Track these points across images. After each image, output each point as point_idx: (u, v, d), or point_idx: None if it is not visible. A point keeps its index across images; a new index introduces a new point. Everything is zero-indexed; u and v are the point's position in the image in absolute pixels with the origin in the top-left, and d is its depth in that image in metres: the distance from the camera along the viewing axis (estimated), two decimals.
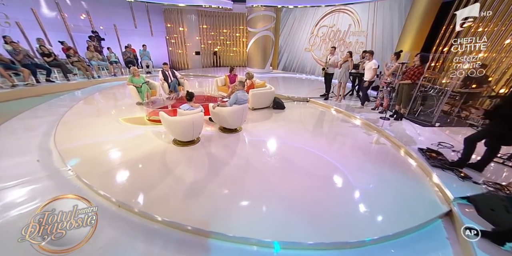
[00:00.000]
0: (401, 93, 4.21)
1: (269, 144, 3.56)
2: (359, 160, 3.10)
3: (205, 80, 8.74)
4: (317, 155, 3.24)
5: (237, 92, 3.64)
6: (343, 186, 2.55)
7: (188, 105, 3.16)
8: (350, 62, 5.04)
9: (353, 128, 4.29)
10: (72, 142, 3.28)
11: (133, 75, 4.89)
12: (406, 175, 2.74)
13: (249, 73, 4.99)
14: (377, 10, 6.65)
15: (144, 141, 3.45)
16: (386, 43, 6.57)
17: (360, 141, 3.76)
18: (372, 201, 2.29)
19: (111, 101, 5.58)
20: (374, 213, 2.14)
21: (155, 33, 10.31)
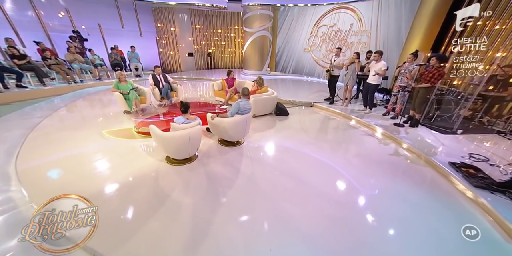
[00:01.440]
0: (415, 97, 3.89)
1: (278, 160, 3.13)
2: (382, 179, 2.71)
3: (199, 84, 8.23)
4: (335, 172, 2.84)
5: (239, 100, 3.20)
6: (368, 213, 2.15)
7: (183, 117, 2.68)
8: (357, 63, 4.70)
9: (367, 137, 3.92)
10: (39, 165, 2.73)
11: (119, 80, 4.36)
12: (441, 200, 2.36)
13: (261, 78, 4.55)
14: (382, 8, 6.38)
15: (131, 160, 2.95)
16: (392, 43, 6.30)
17: (378, 153, 3.38)
18: (409, 240, 1.90)
19: (94, 110, 5.00)
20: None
21: (144, 33, 9.72)
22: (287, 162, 3.07)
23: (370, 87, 4.54)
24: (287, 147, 3.51)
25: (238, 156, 3.19)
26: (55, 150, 3.12)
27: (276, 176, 2.74)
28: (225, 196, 2.33)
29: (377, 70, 4.29)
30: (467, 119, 4.00)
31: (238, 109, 3.15)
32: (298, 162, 3.08)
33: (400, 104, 4.23)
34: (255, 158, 3.15)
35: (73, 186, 2.40)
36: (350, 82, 5.02)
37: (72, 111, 4.82)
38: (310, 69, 9.27)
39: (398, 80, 4.19)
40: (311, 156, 3.24)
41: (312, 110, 5.48)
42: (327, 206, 2.26)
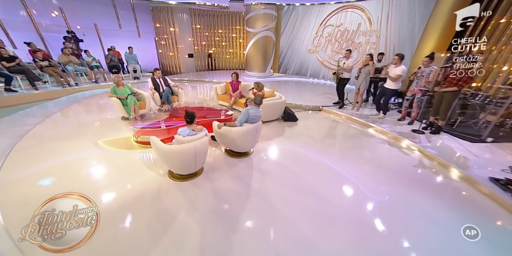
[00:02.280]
0: (438, 102, 3.64)
1: (292, 173, 2.86)
2: (414, 199, 2.44)
3: (201, 86, 7.96)
4: (355, 188, 2.58)
5: (248, 108, 2.93)
6: (405, 242, 1.88)
7: (188, 129, 2.41)
8: (372, 66, 4.45)
9: (385, 146, 3.66)
10: (23, 181, 2.44)
11: (117, 84, 4.07)
12: (487, 225, 2.09)
13: (258, 84, 4.23)
14: (393, 7, 6.14)
15: (130, 175, 2.66)
16: (404, 44, 6.06)
17: (401, 165, 3.11)
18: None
19: (90, 116, 4.71)
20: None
21: (142, 34, 9.46)
22: (302, 176, 2.80)
23: (386, 92, 4.28)
24: (300, 158, 3.24)
25: (248, 169, 2.92)
26: (44, 163, 2.84)
27: (291, 192, 2.47)
28: (236, 220, 2.06)
29: (392, 74, 4.03)
30: (495, 125, 3.74)
31: (247, 118, 2.88)
32: (315, 176, 2.81)
33: (417, 109, 3.98)
34: (266, 171, 2.87)
35: (64, 204, 2.11)
36: (362, 86, 4.78)
37: (66, 117, 4.53)
38: (315, 70, 9.04)
39: (413, 84, 3.92)
40: (328, 168, 2.98)
41: (321, 115, 5.22)
42: (354, 230, 1.99)
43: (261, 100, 3.00)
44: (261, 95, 3.08)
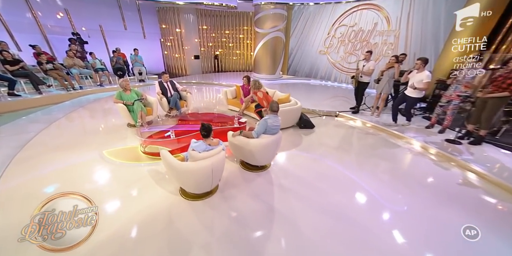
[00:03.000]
0: (480, 109, 3.29)
1: (317, 191, 2.58)
2: (466, 224, 2.13)
3: (207, 89, 7.74)
4: (390, 209, 2.27)
5: (266, 117, 2.66)
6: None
7: (203, 143, 2.16)
8: (397, 69, 4.13)
9: (418, 158, 3.32)
10: (21, 198, 2.22)
11: (124, 89, 3.86)
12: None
13: (255, 82, 3.93)
14: (415, 5, 5.80)
15: (137, 193, 2.44)
16: (427, 44, 5.70)
17: (441, 181, 2.78)
18: None
19: (94, 122, 4.51)
20: None
21: (148, 35, 9.33)
22: (328, 194, 2.52)
23: (408, 100, 3.93)
24: (323, 172, 2.96)
25: (267, 185, 2.65)
26: (44, 177, 2.62)
27: (318, 214, 2.20)
28: (257, 247, 1.79)
29: (417, 83, 3.66)
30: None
31: (265, 129, 2.62)
32: (342, 194, 2.53)
33: (451, 116, 3.65)
34: (288, 188, 2.60)
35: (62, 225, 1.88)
36: (385, 90, 4.46)
37: (69, 124, 4.34)
38: (326, 72, 8.74)
39: (451, 88, 3.57)
40: (356, 185, 2.69)
41: (338, 121, 4.92)
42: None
43: (278, 106, 2.71)
44: (276, 102, 2.77)
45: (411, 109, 4.13)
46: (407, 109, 4.08)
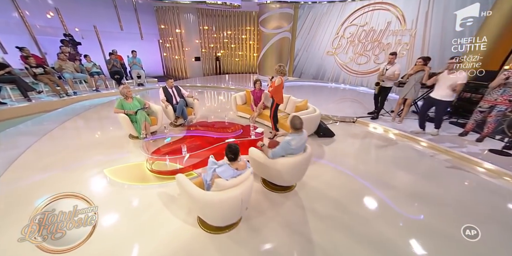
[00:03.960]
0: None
1: (357, 218, 2.24)
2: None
3: (212, 94, 7.38)
4: (451, 244, 1.95)
5: (289, 138, 2.23)
6: None
7: (230, 168, 1.81)
8: (427, 72, 3.83)
9: (465, 174, 2.98)
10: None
11: (125, 97, 3.48)
12: None
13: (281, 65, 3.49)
14: (435, 2, 5.53)
15: (147, 224, 2.07)
16: (449, 43, 5.42)
17: (503, 205, 2.47)
18: None
19: (92, 133, 4.11)
20: None
21: (145, 36, 8.95)
22: (368, 221, 2.19)
23: (439, 105, 3.63)
24: (356, 192, 2.62)
25: (299, 211, 2.30)
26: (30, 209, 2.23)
27: (364, 249, 1.86)
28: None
29: (451, 85, 3.37)
30: None
31: (285, 152, 2.25)
32: (384, 221, 2.20)
33: (494, 124, 3.36)
34: (323, 214, 2.26)
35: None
36: (410, 95, 4.17)
37: (63, 136, 3.92)
38: (334, 74, 8.47)
39: (497, 92, 3.25)
40: (396, 210, 2.35)
41: (358, 128, 4.62)
42: None
43: (301, 122, 2.26)
44: (299, 117, 2.31)
45: (443, 115, 3.84)
46: (440, 115, 3.78)
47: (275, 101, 3.54)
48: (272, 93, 3.48)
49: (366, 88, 7.54)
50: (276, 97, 3.49)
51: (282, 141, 2.31)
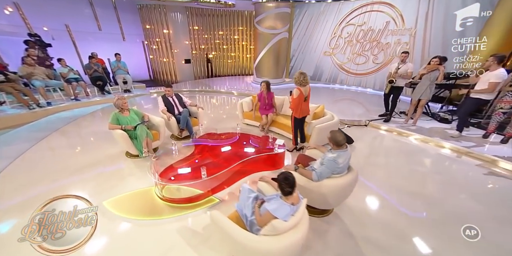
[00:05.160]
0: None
1: (415, 247, 2.00)
2: None
3: (209, 98, 6.91)
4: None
5: (333, 155, 1.95)
6: None
7: (286, 204, 1.45)
8: (441, 72, 3.78)
9: (505, 182, 2.85)
10: None
11: (120, 110, 2.97)
12: None
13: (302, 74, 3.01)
14: (434, 1, 5.60)
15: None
16: (449, 44, 5.51)
17: None
18: None
19: (78, 154, 3.48)
20: None
21: (128, 37, 8.23)
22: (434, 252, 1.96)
23: (474, 103, 3.56)
24: (401, 210, 2.38)
25: (349, 241, 2.01)
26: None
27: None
28: None
29: (484, 83, 3.29)
30: None
31: (332, 172, 1.97)
32: (448, 247, 1.98)
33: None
34: (378, 244, 1.99)
35: None
36: (424, 95, 4.11)
37: (40, 159, 3.26)
38: (332, 75, 8.41)
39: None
40: (454, 227, 2.16)
41: (373, 133, 4.48)
42: None
43: (344, 137, 1.98)
44: (341, 132, 2.06)
45: (466, 114, 3.80)
46: (465, 114, 3.74)
47: (293, 115, 3.17)
48: (291, 107, 3.11)
49: (363, 89, 7.56)
50: (294, 111, 3.10)
51: (325, 159, 2.01)
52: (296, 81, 2.97)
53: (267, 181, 1.98)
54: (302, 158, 2.61)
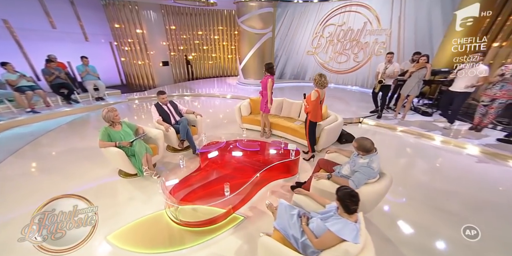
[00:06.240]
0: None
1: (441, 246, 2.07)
2: None
3: (202, 103, 6.48)
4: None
5: (365, 161, 1.91)
6: None
7: (351, 223, 1.34)
8: (429, 69, 4.10)
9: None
10: None
11: (111, 124, 2.54)
12: None
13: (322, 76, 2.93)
14: (406, 2, 6.10)
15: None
16: (422, 42, 6.07)
17: None
18: None
19: (54, 181, 2.87)
20: None
21: (92, 36, 7.32)
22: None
23: (457, 97, 3.92)
24: (421, 210, 2.46)
25: (387, 246, 2.00)
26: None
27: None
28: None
29: (472, 78, 3.62)
30: None
31: (368, 178, 1.94)
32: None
33: (495, 115, 3.79)
34: (419, 247, 2.01)
35: None
36: (413, 92, 4.42)
37: (5, 193, 2.63)
38: (315, 73, 8.63)
39: (495, 87, 3.62)
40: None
41: (369, 129, 4.67)
42: None
43: (372, 142, 1.97)
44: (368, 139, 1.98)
45: (460, 107, 4.15)
46: (457, 107, 4.07)
47: (308, 118, 3.06)
48: (309, 110, 2.98)
49: (345, 86, 7.92)
50: (310, 114, 2.99)
51: (358, 166, 1.95)
52: (316, 83, 2.90)
53: (306, 194, 1.85)
54: (324, 163, 2.54)
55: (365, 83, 7.59)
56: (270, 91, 3.56)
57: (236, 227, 2.13)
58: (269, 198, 2.53)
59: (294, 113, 4.21)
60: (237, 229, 2.10)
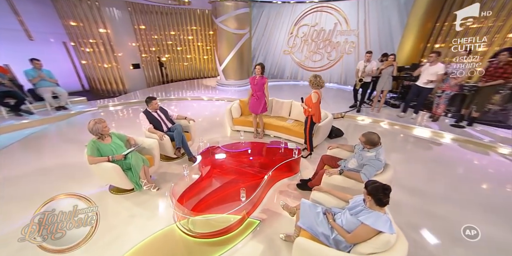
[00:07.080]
0: (475, 96, 4.16)
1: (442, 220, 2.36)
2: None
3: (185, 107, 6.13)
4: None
5: (372, 154, 2.07)
6: None
7: (383, 215, 1.42)
8: (395, 66, 4.65)
9: (466, 153, 3.68)
10: None
11: (99, 137, 2.27)
12: None
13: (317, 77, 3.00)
14: (369, 7, 6.74)
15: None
16: (385, 42, 6.77)
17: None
18: None
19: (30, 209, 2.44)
20: None
21: (38, 35, 6.35)
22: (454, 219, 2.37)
23: (422, 91, 4.48)
24: (417, 191, 2.79)
25: None
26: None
27: None
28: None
29: (431, 75, 4.15)
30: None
31: (377, 170, 2.10)
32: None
33: (444, 105, 4.47)
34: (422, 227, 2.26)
35: None
36: (386, 86, 4.93)
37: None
38: (292, 72, 8.98)
39: (445, 81, 4.23)
40: None
41: (352, 123, 5.05)
42: None
43: (379, 136, 2.10)
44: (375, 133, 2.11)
45: (424, 101, 4.74)
46: (421, 101, 4.67)
47: (313, 120, 3.11)
48: (313, 113, 3.02)
49: None
50: (315, 116, 3.07)
51: (366, 159, 2.10)
52: (313, 84, 2.94)
53: (326, 191, 1.93)
54: (328, 159, 2.68)
55: (340, 80, 8.14)
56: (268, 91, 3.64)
57: (254, 232, 2.11)
58: (279, 198, 2.57)
59: (285, 112, 4.32)
60: (255, 234, 2.08)
